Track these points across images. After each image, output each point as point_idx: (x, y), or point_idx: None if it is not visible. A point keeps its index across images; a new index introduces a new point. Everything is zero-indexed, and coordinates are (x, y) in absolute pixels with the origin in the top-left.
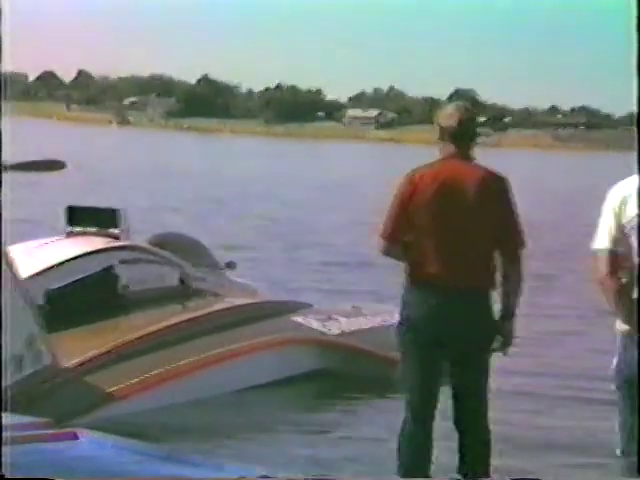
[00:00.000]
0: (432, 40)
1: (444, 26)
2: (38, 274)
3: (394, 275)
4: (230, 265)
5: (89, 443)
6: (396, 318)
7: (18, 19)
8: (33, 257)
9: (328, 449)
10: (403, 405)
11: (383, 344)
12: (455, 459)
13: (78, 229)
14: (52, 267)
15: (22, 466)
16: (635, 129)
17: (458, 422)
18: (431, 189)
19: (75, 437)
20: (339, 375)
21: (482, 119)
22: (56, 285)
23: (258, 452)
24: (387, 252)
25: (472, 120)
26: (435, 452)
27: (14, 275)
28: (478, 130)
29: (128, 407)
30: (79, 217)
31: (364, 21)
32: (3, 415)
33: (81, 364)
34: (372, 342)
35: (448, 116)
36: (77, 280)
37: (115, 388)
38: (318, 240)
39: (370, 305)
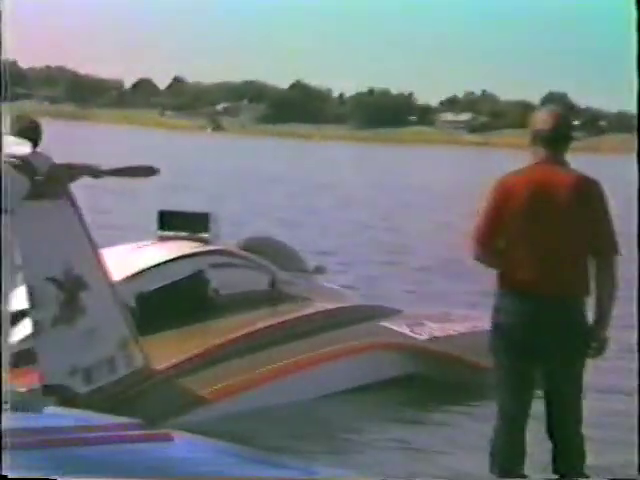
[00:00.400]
0: (524, 43)
1: (537, 29)
2: (130, 277)
3: (486, 281)
4: (319, 269)
5: (183, 444)
6: (486, 324)
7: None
8: (125, 261)
9: (418, 455)
10: (494, 412)
11: (473, 350)
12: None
13: (169, 233)
14: (143, 271)
15: (116, 466)
16: None
17: (551, 429)
18: (524, 194)
19: (169, 438)
20: (428, 381)
21: (576, 123)
22: (147, 289)
23: (348, 457)
24: (479, 258)
25: (566, 124)
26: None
27: (107, 278)
28: (572, 134)
29: (219, 410)
30: (170, 221)
31: (456, 24)
32: (3, 417)
33: (173, 367)
34: (462, 348)
35: (541, 120)
36: (168, 284)
37: (206, 391)
38: (410, 244)
39: (459, 311)
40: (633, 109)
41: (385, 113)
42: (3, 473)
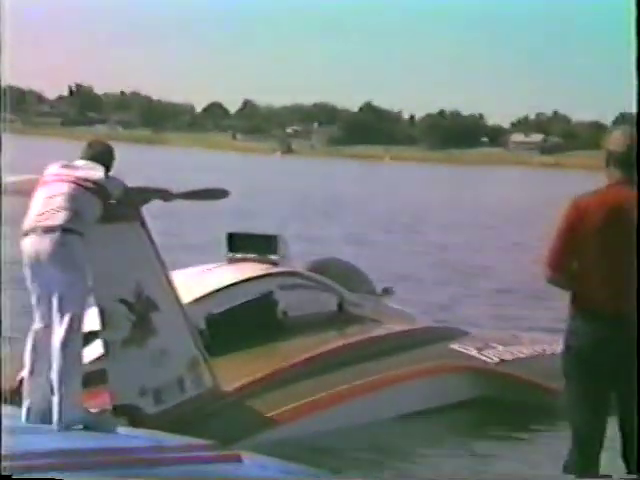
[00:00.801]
0: (597, 62)
1: (607, 48)
2: (199, 299)
3: (560, 304)
4: (388, 291)
5: (253, 466)
6: (555, 348)
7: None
8: (195, 283)
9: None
10: (562, 435)
11: (543, 374)
12: None
13: (238, 255)
14: (213, 292)
15: None
16: None
17: (626, 453)
18: (598, 216)
19: (239, 459)
20: (497, 404)
21: None
22: (217, 310)
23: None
24: (553, 280)
25: None
26: None
27: (177, 300)
28: None
29: (288, 432)
30: (239, 243)
31: (525, 45)
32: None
33: (241, 388)
34: (531, 371)
35: (616, 141)
36: (237, 305)
37: (275, 412)
38: (482, 266)
39: (529, 334)
40: None
41: (456, 134)
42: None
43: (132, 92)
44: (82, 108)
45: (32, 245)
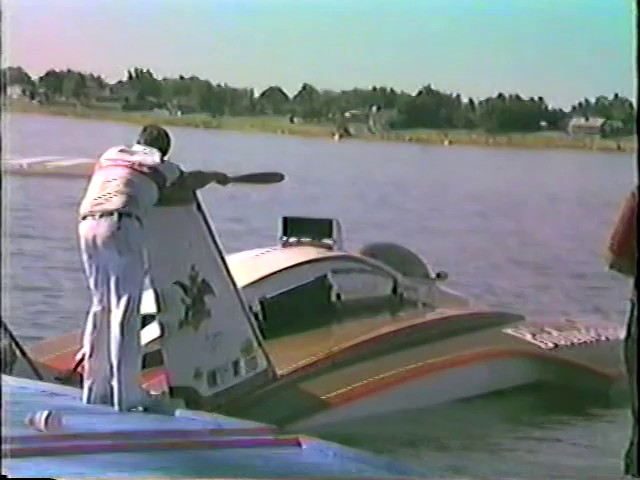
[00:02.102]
0: None
1: None
2: (254, 283)
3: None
4: (441, 275)
5: (312, 450)
6: (610, 334)
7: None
8: (250, 266)
9: (544, 462)
10: (619, 420)
11: (598, 359)
12: None
13: (293, 239)
14: (268, 276)
15: (247, 470)
16: None
17: None
18: None
19: (298, 444)
20: (553, 389)
21: None
22: (271, 294)
23: (474, 464)
24: (615, 265)
25: None
26: None
27: (232, 283)
28: None
29: (342, 414)
30: (294, 227)
31: (584, 27)
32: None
33: (295, 371)
34: (586, 357)
35: None
36: (292, 289)
37: (329, 395)
38: (543, 252)
39: (583, 319)
40: None
41: (515, 118)
42: (3, 473)
43: (191, 77)
44: (142, 93)
45: (89, 229)
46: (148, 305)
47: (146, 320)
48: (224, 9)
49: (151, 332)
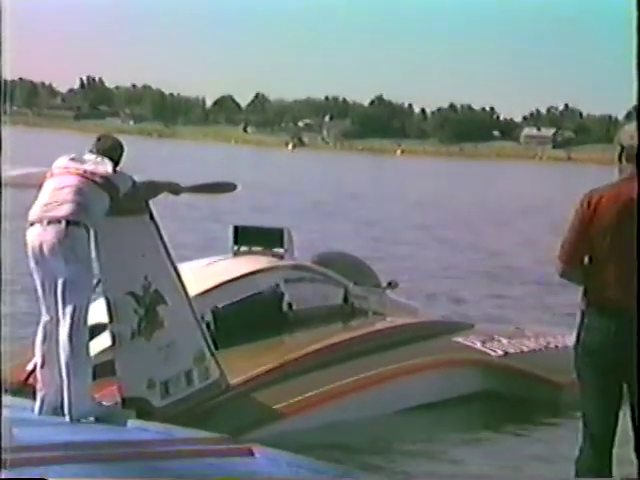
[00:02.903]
0: (609, 57)
1: (619, 41)
2: (206, 292)
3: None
4: (392, 284)
5: (265, 460)
6: (560, 342)
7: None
8: (201, 276)
9: (494, 471)
10: (567, 429)
11: (547, 367)
12: None
13: (244, 248)
14: (219, 285)
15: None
16: None
17: (638, 449)
18: (612, 211)
19: (251, 453)
20: (502, 398)
21: None
22: (223, 303)
23: (424, 472)
24: (565, 275)
25: None
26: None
27: (184, 292)
28: None
29: (294, 425)
30: (245, 236)
31: (534, 38)
32: None
33: (247, 381)
34: (536, 365)
35: (628, 136)
36: (243, 298)
37: (281, 405)
38: (494, 262)
39: (532, 327)
40: None
41: (468, 128)
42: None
43: (143, 85)
44: (94, 101)
45: (36, 236)
46: (99, 315)
47: (97, 330)
48: (176, 18)
49: (102, 342)
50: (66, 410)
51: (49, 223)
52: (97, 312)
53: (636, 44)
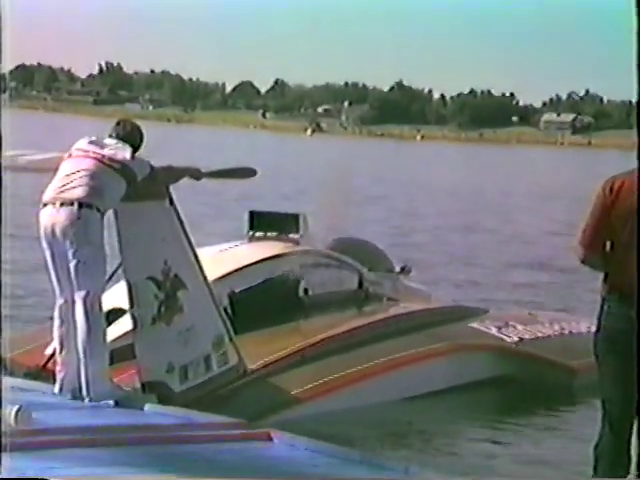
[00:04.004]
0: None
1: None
2: (222, 277)
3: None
4: (405, 270)
5: (283, 444)
6: (574, 327)
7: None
8: (217, 261)
9: (506, 458)
10: (583, 414)
11: (562, 352)
12: None
13: (259, 234)
14: (236, 271)
15: (217, 464)
16: None
17: None
18: (633, 197)
19: (269, 438)
20: (517, 383)
21: None
22: (239, 288)
23: (437, 458)
24: (586, 260)
25: None
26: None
27: (204, 278)
28: None
29: (312, 409)
30: (261, 222)
31: (555, 24)
32: None
33: (265, 366)
34: (551, 350)
35: None
36: (259, 284)
37: (299, 390)
38: (512, 248)
39: (546, 312)
40: None
41: (488, 113)
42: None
43: (162, 71)
44: (113, 86)
45: (49, 217)
46: (117, 299)
47: (115, 315)
48: (195, 3)
49: (121, 327)
50: (84, 392)
51: (62, 205)
52: (116, 297)
53: (636, 42)
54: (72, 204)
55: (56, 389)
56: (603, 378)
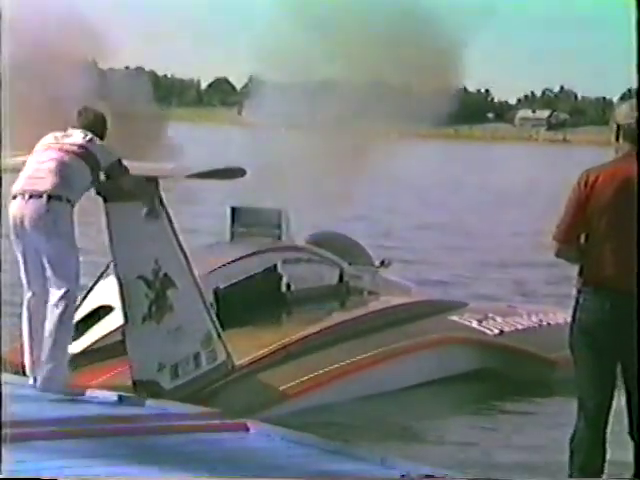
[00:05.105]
0: (602, 38)
1: (613, 23)
2: (206, 274)
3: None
4: (384, 263)
5: (259, 435)
6: (552, 319)
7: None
8: (201, 258)
9: (489, 450)
10: (562, 406)
11: (541, 345)
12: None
13: (241, 229)
14: (220, 267)
15: (192, 455)
16: None
17: (632, 428)
18: (608, 190)
19: (246, 429)
20: (498, 375)
21: None
22: (223, 285)
23: (420, 450)
24: (561, 254)
25: None
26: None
27: (192, 276)
28: None
29: (299, 405)
30: (242, 217)
31: (529, 22)
32: None
33: (252, 362)
34: (530, 342)
35: (625, 114)
36: (243, 279)
37: (286, 386)
38: (485, 243)
39: (524, 305)
40: None
41: (463, 110)
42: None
43: (137, 67)
44: None
45: (18, 208)
46: (104, 297)
47: (102, 312)
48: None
49: (108, 324)
50: (38, 383)
51: (31, 196)
52: (103, 295)
53: (636, 38)
54: (41, 196)
55: (30, 381)
56: (579, 372)
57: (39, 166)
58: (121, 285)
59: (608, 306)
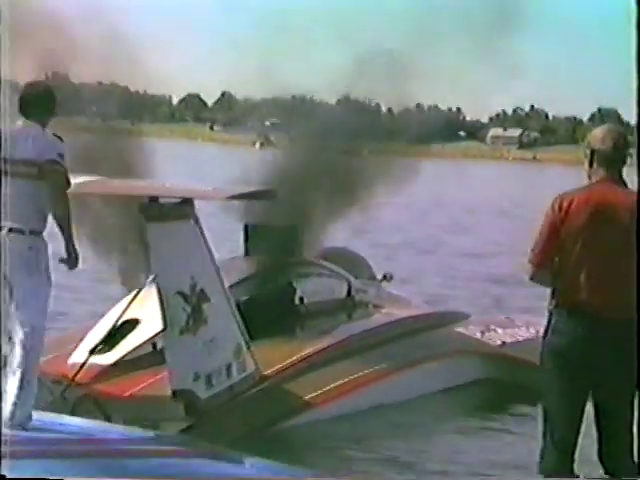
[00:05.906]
0: (571, 57)
1: (587, 41)
2: (230, 287)
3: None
4: (387, 277)
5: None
6: None
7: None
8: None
9: (493, 457)
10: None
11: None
12: None
13: (254, 246)
14: (238, 283)
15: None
16: None
17: (601, 453)
18: (583, 214)
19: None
20: (501, 385)
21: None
22: (242, 298)
23: (432, 455)
24: (536, 277)
25: (625, 143)
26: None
27: (225, 290)
28: (629, 153)
29: (323, 414)
30: (255, 235)
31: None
32: None
33: (277, 373)
34: (530, 353)
35: (599, 139)
36: (259, 293)
37: (312, 395)
38: (458, 263)
39: (521, 316)
40: None
41: (434, 128)
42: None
43: (110, 83)
44: (60, 98)
45: None
46: (133, 311)
47: (130, 325)
48: (141, 13)
49: (137, 338)
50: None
51: (11, 231)
52: (131, 308)
53: (636, 44)
54: (22, 232)
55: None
56: (548, 392)
57: (14, 198)
58: (161, 300)
59: (580, 329)
